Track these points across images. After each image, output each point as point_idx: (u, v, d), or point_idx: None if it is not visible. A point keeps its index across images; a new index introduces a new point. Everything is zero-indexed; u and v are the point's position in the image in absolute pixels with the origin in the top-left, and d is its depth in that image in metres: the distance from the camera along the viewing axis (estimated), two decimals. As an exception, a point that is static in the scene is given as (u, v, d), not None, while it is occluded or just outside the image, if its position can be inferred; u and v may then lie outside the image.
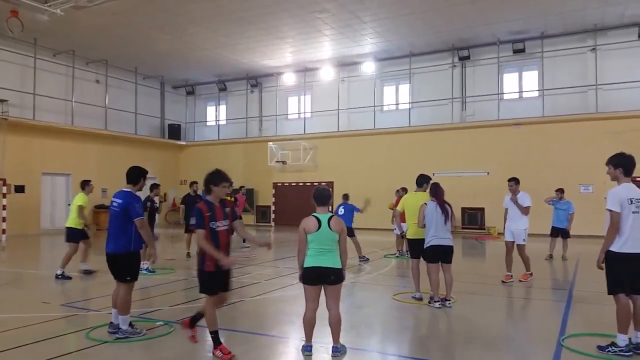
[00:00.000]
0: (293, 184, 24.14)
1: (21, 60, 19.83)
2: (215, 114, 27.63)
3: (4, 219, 17.58)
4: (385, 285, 8.85)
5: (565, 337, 5.53)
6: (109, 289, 7.61)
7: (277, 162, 23.77)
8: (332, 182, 23.25)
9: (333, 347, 5.00)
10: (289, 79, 24.56)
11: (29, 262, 12.85)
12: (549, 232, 12.68)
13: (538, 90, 20.14)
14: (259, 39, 19.72)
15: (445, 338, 5.97)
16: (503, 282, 8.89)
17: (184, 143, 27.35)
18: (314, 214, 5.03)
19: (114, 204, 5.67)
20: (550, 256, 12.31)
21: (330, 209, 5.19)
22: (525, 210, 8.88)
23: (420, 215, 7.15)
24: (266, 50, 21.38)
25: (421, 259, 7.46)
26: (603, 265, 5.07)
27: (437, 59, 21.51)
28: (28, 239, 17.98)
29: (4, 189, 17.76)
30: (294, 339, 5.66)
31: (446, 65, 21.44)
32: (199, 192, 13.59)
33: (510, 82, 20.97)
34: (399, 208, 7.76)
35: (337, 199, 22.69)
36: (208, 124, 28.05)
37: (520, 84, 20.83)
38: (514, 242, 8.99)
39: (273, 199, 24.96)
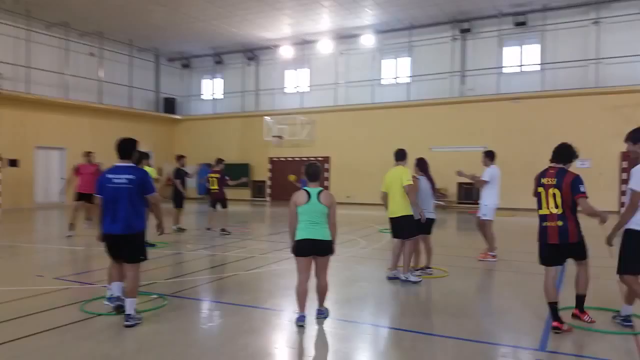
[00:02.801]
0: (289, 159, 24.01)
1: (14, 33, 19.44)
2: (212, 88, 27.30)
3: (-2, 193, 17.50)
4: (380, 259, 8.82)
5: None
6: (102, 263, 7.58)
7: (273, 136, 23.54)
8: (329, 157, 23.18)
9: (317, 310, 5.30)
10: (286, 52, 24.17)
11: (23, 236, 12.80)
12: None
13: (539, 64, 19.88)
14: (256, 10, 19.34)
15: (438, 311, 5.96)
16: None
17: (179, 117, 27.10)
18: (305, 187, 5.22)
19: (122, 180, 5.02)
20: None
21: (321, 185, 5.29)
22: (478, 184, 8.74)
23: (413, 193, 6.96)
24: (263, 22, 20.99)
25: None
26: (613, 243, 4.99)
27: (438, 32, 21.19)
28: (22, 212, 17.91)
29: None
30: (288, 312, 5.63)
31: (446, 38, 21.12)
32: (186, 166, 13.50)
33: (510, 55, 20.68)
34: (382, 189, 7.13)
35: (335, 174, 22.76)
36: (204, 97, 27.74)
37: (521, 57, 20.55)
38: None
39: (269, 174, 24.86)
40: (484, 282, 7.88)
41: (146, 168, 9.00)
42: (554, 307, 4.93)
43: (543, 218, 5.07)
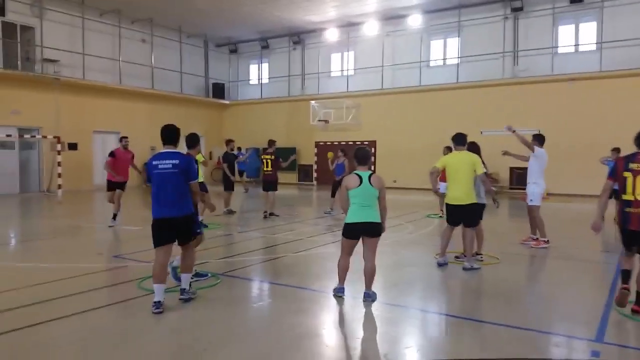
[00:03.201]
0: (335, 143, 23.99)
1: (70, 21, 20.22)
2: (258, 73, 27.56)
3: (59, 175, 18.41)
4: (427, 245, 8.75)
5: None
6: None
7: (319, 121, 23.59)
8: (375, 141, 23.01)
9: (365, 292, 5.36)
10: (331, 35, 24.02)
11: (83, 216, 13.48)
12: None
13: (596, 43, 18.89)
14: (302, -7, 19.29)
15: (488, 298, 5.87)
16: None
17: (227, 102, 27.54)
18: (356, 171, 5.35)
19: (168, 165, 5.09)
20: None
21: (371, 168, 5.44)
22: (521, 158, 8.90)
23: (489, 182, 6.99)
24: (309, 5, 20.91)
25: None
26: None
27: (488, 11, 20.47)
28: (82, 194, 18.80)
29: (59, 147, 18.50)
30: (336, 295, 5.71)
31: (497, 18, 20.38)
32: (235, 150, 13.73)
33: (565, 34, 19.73)
34: (438, 165, 6.98)
35: (381, 159, 22.57)
36: (251, 82, 28.05)
37: (577, 36, 19.57)
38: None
39: (315, 158, 24.96)
40: (535, 269, 7.69)
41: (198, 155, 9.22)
42: (625, 273, 4.97)
43: (627, 203, 4.94)
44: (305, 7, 21.18)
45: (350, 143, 23.20)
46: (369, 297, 5.33)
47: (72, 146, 19.37)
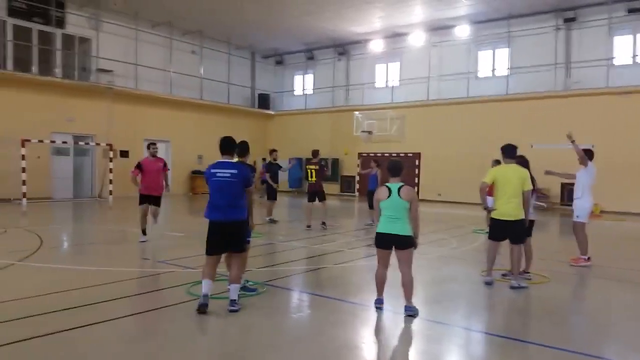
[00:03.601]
0: (379, 154, 23.83)
1: (124, 33, 21.10)
2: (302, 83, 27.84)
3: (110, 182, 19.14)
4: (473, 261, 8.51)
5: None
6: (200, 249, 8.04)
7: (363, 132, 23.56)
8: (420, 154, 22.73)
9: (405, 306, 5.30)
10: (377, 46, 24.00)
11: (132, 222, 13.90)
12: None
13: (656, 54, 18.04)
14: (347, 4, 19.40)
15: (535, 318, 5.64)
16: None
17: (272, 112, 27.93)
18: (387, 183, 5.44)
19: (227, 174, 5.41)
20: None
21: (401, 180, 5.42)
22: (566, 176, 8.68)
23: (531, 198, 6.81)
24: (354, 16, 21.00)
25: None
26: None
27: (539, 21, 19.94)
28: (131, 200, 19.36)
29: (111, 154, 19.25)
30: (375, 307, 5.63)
31: (549, 28, 19.81)
32: (279, 160, 13.83)
33: (622, 45, 18.93)
34: (487, 180, 6.72)
35: (426, 171, 22.25)
36: (295, 93, 28.35)
37: (634, 47, 18.74)
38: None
39: (358, 169, 24.88)
40: (586, 290, 7.34)
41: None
42: None
43: None
44: (350, 19, 21.28)
45: (394, 155, 23.00)
46: (410, 311, 5.25)
47: (124, 154, 20.10)
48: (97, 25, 20.16)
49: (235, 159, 5.86)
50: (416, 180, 22.61)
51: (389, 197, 5.26)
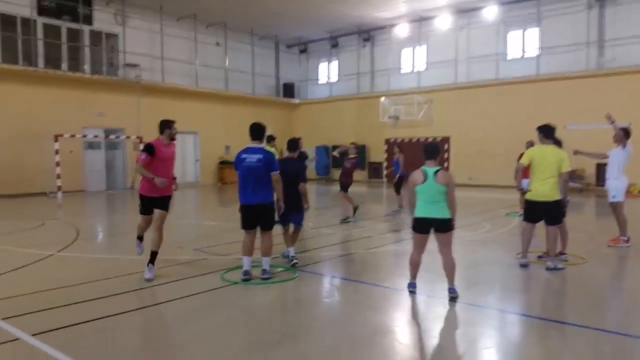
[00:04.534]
0: (406, 140, 23.61)
1: (149, 27, 21.32)
2: (327, 71, 27.69)
3: (142, 174, 19.49)
4: (506, 244, 8.36)
5: None
6: (233, 237, 8.14)
7: (389, 117, 23.33)
8: (449, 138, 22.40)
9: (449, 288, 5.21)
10: (402, 30, 23.64)
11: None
12: None
13: (696, 27, 17.24)
14: (372, -11, 19.14)
15: (573, 299, 5.51)
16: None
17: (297, 101, 27.89)
18: (423, 167, 5.26)
19: (253, 159, 5.76)
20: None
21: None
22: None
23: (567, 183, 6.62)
24: (379, 2, 20.72)
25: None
26: None
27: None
28: (162, 191, 19.72)
29: (141, 147, 19.55)
30: (407, 291, 5.59)
31: (581, 6, 19.14)
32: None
33: (660, 20, 18.15)
34: (523, 161, 6.63)
35: (456, 155, 21.95)
36: (320, 81, 28.23)
37: (673, 21, 17.95)
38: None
39: (385, 155, 24.69)
40: (624, 270, 7.13)
41: (271, 149, 9.38)
42: None
43: None
44: (374, 4, 20.99)
45: (421, 139, 22.77)
46: (453, 293, 5.16)
47: (153, 146, 20.36)
48: (123, 20, 20.43)
49: (264, 145, 5.98)
50: (445, 165, 22.30)
51: (424, 181, 5.13)
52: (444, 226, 5.15)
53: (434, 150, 5.33)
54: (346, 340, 4.21)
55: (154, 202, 6.26)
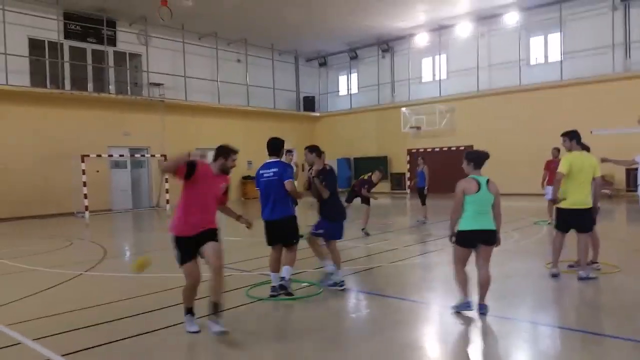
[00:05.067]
0: (429, 150, 23.41)
1: (171, 46, 21.74)
2: (347, 83, 27.76)
3: (167, 191, 19.75)
4: (536, 253, 8.16)
5: None
6: (257, 253, 8.12)
7: (411, 127, 23.21)
8: (472, 146, 22.08)
9: (479, 305, 4.97)
10: (422, 39, 23.60)
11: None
12: None
13: None
14: (390, 0, 19.15)
15: (609, 310, 5.31)
16: None
17: (318, 114, 27.99)
18: (472, 176, 5.02)
19: (270, 173, 5.78)
20: None
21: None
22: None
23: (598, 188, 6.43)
24: (397, 12, 20.74)
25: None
26: None
27: (593, 2, 19.00)
28: (187, 208, 19.93)
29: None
30: (436, 305, 5.49)
31: (604, 8, 18.81)
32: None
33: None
34: (563, 169, 6.28)
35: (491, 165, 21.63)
36: (340, 93, 28.29)
37: (702, 20, 17.51)
38: None
39: (407, 166, 24.51)
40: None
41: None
42: None
43: None
44: (393, 14, 21.02)
45: (444, 149, 22.55)
46: (485, 310, 4.93)
47: (178, 163, 20.64)
48: (146, 40, 20.88)
49: (282, 158, 6.10)
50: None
51: (478, 191, 4.88)
52: (492, 239, 4.95)
53: (482, 158, 5.08)
54: (376, 356, 4.13)
55: (198, 239, 4.75)
